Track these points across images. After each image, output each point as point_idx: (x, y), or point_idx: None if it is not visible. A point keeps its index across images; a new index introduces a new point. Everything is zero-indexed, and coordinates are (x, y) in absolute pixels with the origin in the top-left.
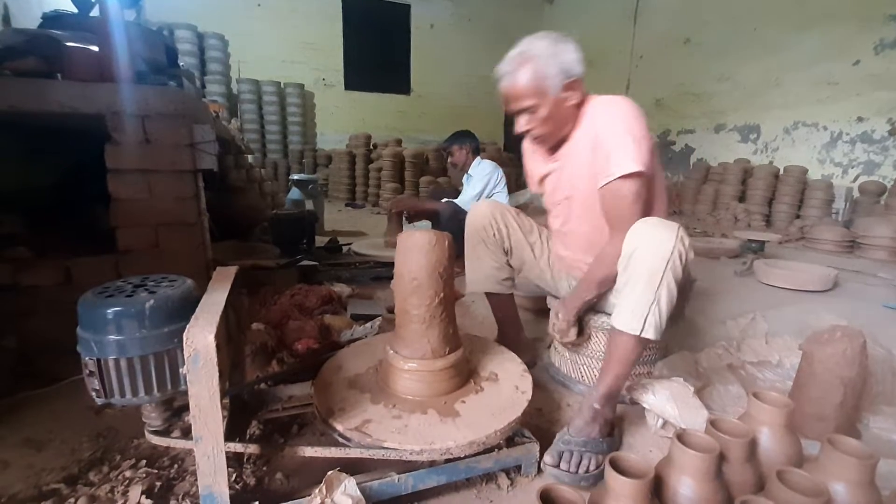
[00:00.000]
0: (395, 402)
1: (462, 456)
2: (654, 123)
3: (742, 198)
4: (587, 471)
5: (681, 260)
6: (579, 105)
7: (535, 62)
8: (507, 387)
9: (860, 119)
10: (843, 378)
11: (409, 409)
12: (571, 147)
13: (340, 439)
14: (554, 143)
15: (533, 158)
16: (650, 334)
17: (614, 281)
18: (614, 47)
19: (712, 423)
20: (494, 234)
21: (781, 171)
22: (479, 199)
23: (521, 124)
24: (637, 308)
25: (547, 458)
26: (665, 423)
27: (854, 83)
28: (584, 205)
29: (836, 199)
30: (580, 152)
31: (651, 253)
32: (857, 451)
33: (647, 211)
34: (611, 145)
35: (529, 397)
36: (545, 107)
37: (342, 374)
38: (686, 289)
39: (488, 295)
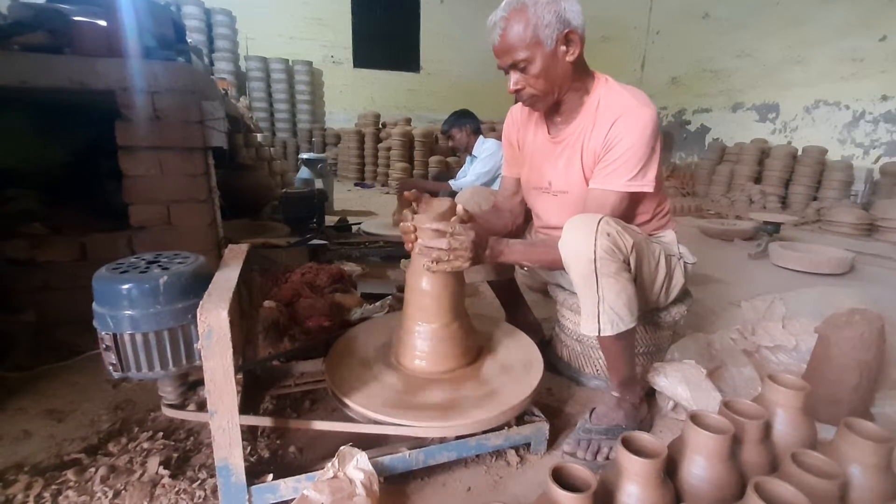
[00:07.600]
0: (405, 378)
1: (472, 433)
2: (669, 102)
3: (758, 179)
4: (606, 458)
5: (613, 254)
6: (582, 72)
7: (529, 9)
8: (517, 365)
9: (884, 98)
10: (860, 361)
11: (420, 385)
12: (579, 139)
13: (352, 415)
14: (547, 108)
15: (525, 131)
16: (608, 332)
17: (545, 266)
18: (630, 22)
19: (726, 405)
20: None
21: (800, 152)
22: (488, 179)
23: (512, 82)
24: (588, 311)
25: (565, 447)
26: (676, 405)
27: (880, 60)
28: (578, 201)
29: (855, 181)
30: (589, 152)
31: (575, 259)
32: (875, 434)
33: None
34: (624, 157)
35: (540, 376)
36: (539, 60)
37: (353, 352)
38: (656, 270)
39: (489, 282)
